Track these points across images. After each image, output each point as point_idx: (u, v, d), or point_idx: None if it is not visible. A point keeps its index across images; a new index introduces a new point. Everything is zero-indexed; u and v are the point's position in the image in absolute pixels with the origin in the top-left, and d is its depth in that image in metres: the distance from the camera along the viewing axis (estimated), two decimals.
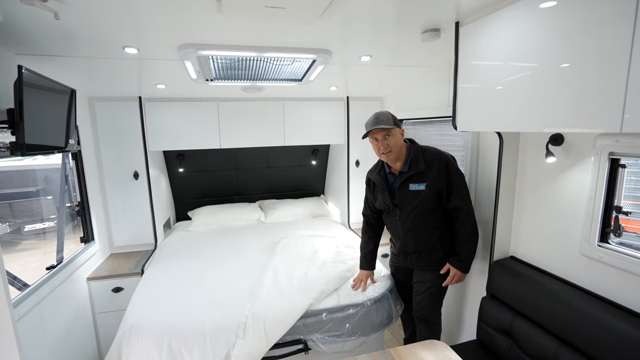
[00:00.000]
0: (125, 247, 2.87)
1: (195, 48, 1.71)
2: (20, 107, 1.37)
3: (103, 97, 2.62)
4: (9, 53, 1.66)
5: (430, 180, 1.77)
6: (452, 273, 1.84)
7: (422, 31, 1.66)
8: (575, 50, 1.08)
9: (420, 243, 1.88)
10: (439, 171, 1.76)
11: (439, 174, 1.76)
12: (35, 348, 1.74)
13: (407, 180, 1.82)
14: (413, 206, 1.82)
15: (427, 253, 1.89)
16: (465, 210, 1.78)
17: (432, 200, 1.79)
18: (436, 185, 1.77)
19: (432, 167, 1.77)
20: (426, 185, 1.78)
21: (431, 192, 1.78)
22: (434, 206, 1.81)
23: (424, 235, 1.86)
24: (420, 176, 1.79)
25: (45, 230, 4.78)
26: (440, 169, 1.76)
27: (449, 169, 1.76)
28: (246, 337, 1.73)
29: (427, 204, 1.80)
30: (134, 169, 2.78)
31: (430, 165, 1.78)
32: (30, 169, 4.88)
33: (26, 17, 1.32)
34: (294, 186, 3.99)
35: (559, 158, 1.54)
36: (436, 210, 1.82)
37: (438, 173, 1.76)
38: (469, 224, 1.80)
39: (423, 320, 1.98)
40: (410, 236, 1.89)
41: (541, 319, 1.53)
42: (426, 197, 1.79)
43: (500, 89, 1.39)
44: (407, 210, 1.85)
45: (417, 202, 1.81)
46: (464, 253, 1.82)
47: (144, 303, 1.93)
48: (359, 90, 2.98)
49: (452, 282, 1.86)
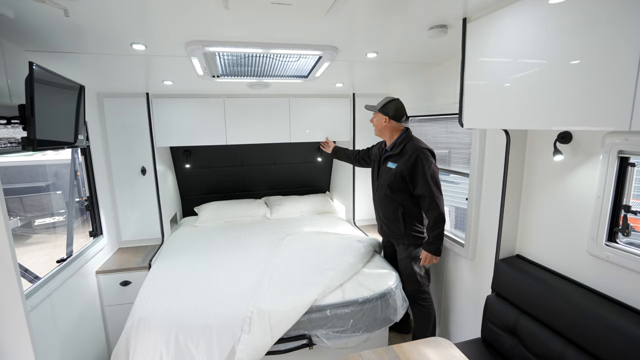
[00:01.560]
0: (133, 241, 2.92)
1: (201, 44, 1.71)
2: (32, 103, 1.39)
3: (111, 93, 2.65)
4: (20, 49, 1.68)
5: (400, 163, 2.14)
6: (423, 255, 2.13)
7: (429, 27, 1.65)
8: (584, 46, 1.07)
9: (387, 213, 2.27)
10: (408, 159, 2.09)
11: (407, 161, 2.09)
12: (47, 338, 1.79)
13: (387, 158, 2.26)
14: (385, 179, 2.22)
15: (392, 224, 2.26)
16: (428, 198, 2.05)
17: (398, 180, 2.14)
18: (402, 168, 2.11)
19: (405, 154, 2.13)
20: (396, 166, 2.16)
21: (397, 172, 2.14)
22: (400, 186, 2.15)
23: (390, 208, 2.24)
24: (395, 157, 2.19)
25: (55, 225, 4.87)
26: (409, 158, 2.09)
27: (416, 160, 2.07)
28: (251, 332, 1.75)
29: (394, 181, 2.16)
30: (141, 164, 2.81)
31: (404, 153, 2.14)
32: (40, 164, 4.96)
33: (37, 14, 1.34)
34: (300, 183, 4.01)
35: (567, 156, 1.52)
36: (402, 191, 2.16)
37: (407, 160, 2.10)
38: (433, 211, 2.05)
39: (410, 298, 2.24)
40: (381, 207, 2.32)
41: (547, 318, 1.52)
42: (394, 175, 2.15)
43: (508, 85, 1.38)
44: (381, 182, 2.27)
45: (388, 177, 2.19)
46: (431, 237, 2.09)
47: (151, 297, 1.96)
48: (365, 86, 2.97)
49: (425, 262, 2.14)
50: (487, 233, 2.02)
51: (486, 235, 2.03)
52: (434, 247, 2.09)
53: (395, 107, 2.19)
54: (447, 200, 2.72)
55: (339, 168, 3.77)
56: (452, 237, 2.37)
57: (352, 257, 2.32)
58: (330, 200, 3.88)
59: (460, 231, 2.47)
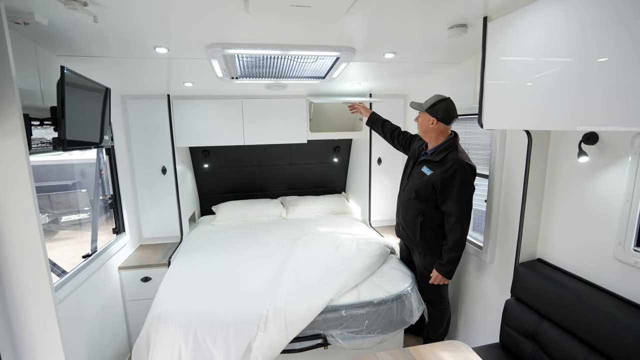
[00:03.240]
0: (153, 238, 3.00)
1: (221, 47, 1.75)
2: (62, 106, 1.46)
3: (135, 95, 2.74)
4: (52, 55, 1.77)
5: (436, 172, 1.96)
6: (434, 274, 2.03)
7: (449, 27, 1.63)
8: (612, 43, 1.03)
9: (407, 217, 2.15)
10: (446, 171, 1.91)
11: (445, 172, 1.91)
12: (73, 330, 1.87)
13: (424, 161, 2.07)
14: (415, 183, 2.07)
15: (409, 229, 2.15)
16: (454, 218, 1.91)
17: (429, 188, 1.98)
18: (437, 178, 1.94)
19: (445, 164, 1.93)
20: (431, 174, 1.98)
21: (430, 180, 1.97)
22: (428, 195, 2.00)
23: (411, 213, 2.11)
24: (433, 164, 2.00)
25: (80, 221, 5.06)
26: (448, 170, 1.90)
27: (454, 174, 1.89)
28: (267, 330, 1.77)
29: (423, 188, 2.00)
30: (162, 164, 2.89)
31: (444, 162, 1.94)
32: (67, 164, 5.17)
33: (68, 21, 1.40)
34: (316, 183, 4.02)
35: (593, 158, 1.47)
36: (428, 200, 2.01)
37: (444, 171, 1.91)
38: (455, 233, 1.92)
39: (426, 301, 2.19)
40: (403, 209, 2.19)
41: (570, 325, 1.47)
42: (425, 182, 1.99)
43: (530, 85, 1.34)
44: (410, 184, 2.12)
45: (418, 182, 2.04)
46: (446, 258, 1.97)
47: (171, 293, 2.02)
48: (382, 87, 2.95)
49: (434, 282, 2.04)
50: (506, 236, 1.97)
51: (506, 238, 1.98)
52: (446, 269, 1.99)
53: (446, 109, 1.94)
54: None
55: (355, 169, 3.77)
56: (470, 240, 2.32)
57: (368, 257, 2.31)
58: (346, 200, 3.88)
59: (478, 233, 2.42)
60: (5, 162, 1.26)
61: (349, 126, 3.46)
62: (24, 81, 1.53)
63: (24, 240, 1.31)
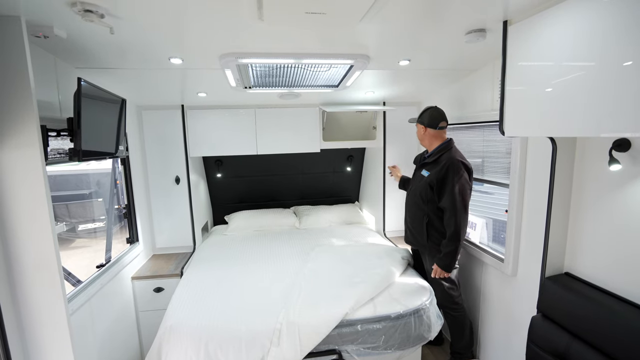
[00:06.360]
0: (166, 248, 3.00)
1: (235, 57, 1.75)
2: (79, 117, 1.47)
3: (149, 105, 2.78)
4: (70, 67, 1.80)
5: (432, 172, 2.12)
6: (434, 268, 2.14)
7: (467, 32, 1.58)
8: (638, 46, 0.97)
9: (413, 221, 2.28)
10: (440, 169, 2.07)
11: (439, 171, 2.07)
12: (85, 341, 1.85)
13: (423, 165, 2.25)
14: (417, 186, 2.24)
15: (416, 232, 2.26)
16: (449, 212, 2.02)
17: (427, 189, 2.12)
18: (432, 177, 2.10)
19: (439, 164, 2.10)
20: (428, 175, 2.15)
21: (427, 181, 2.13)
22: (429, 196, 2.13)
23: (417, 216, 2.24)
24: (430, 166, 2.18)
25: (96, 230, 5.15)
26: (442, 168, 2.06)
27: (447, 171, 2.04)
28: (280, 345, 1.72)
29: (424, 189, 2.15)
30: (175, 174, 2.91)
31: (438, 162, 2.12)
32: (84, 173, 5.30)
33: (86, 33, 1.42)
34: (329, 192, 3.98)
35: (625, 165, 1.39)
36: (430, 201, 2.14)
37: (439, 170, 2.08)
38: (449, 227, 2.03)
39: (439, 306, 2.16)
40: (409, 213, 2.34)
41: (605, 346, 1.37)
42: (425, 183, 2.14)
43: (553, 90, 1.28)
44: (413, 188, 2.29)
45: (420, 185, 2.20)
46: (444, 251, 2.08)
47: (183, 304, 1.99)
48: (396, 94, 2.92)
49: (435, 275, 2.14)
50: (530, 248, 1.88)
51: (529, 250, 1.89)
52: (443, 263, 2.08)
53: (430, 115, 2.19)
54: (481, 211, 2.59)
55: (368, 178, 3.71)
56: (489, 251, 2.23)
57: (384, 269, 2.24)
58: (360, 210, 3.82)
59: (499, 245, 2.32)
60: (22, 173, 1.26)
61: (363, 135, 3.42)
62: (43, 93, 1.55)
63: (38, 251, 1.31)
